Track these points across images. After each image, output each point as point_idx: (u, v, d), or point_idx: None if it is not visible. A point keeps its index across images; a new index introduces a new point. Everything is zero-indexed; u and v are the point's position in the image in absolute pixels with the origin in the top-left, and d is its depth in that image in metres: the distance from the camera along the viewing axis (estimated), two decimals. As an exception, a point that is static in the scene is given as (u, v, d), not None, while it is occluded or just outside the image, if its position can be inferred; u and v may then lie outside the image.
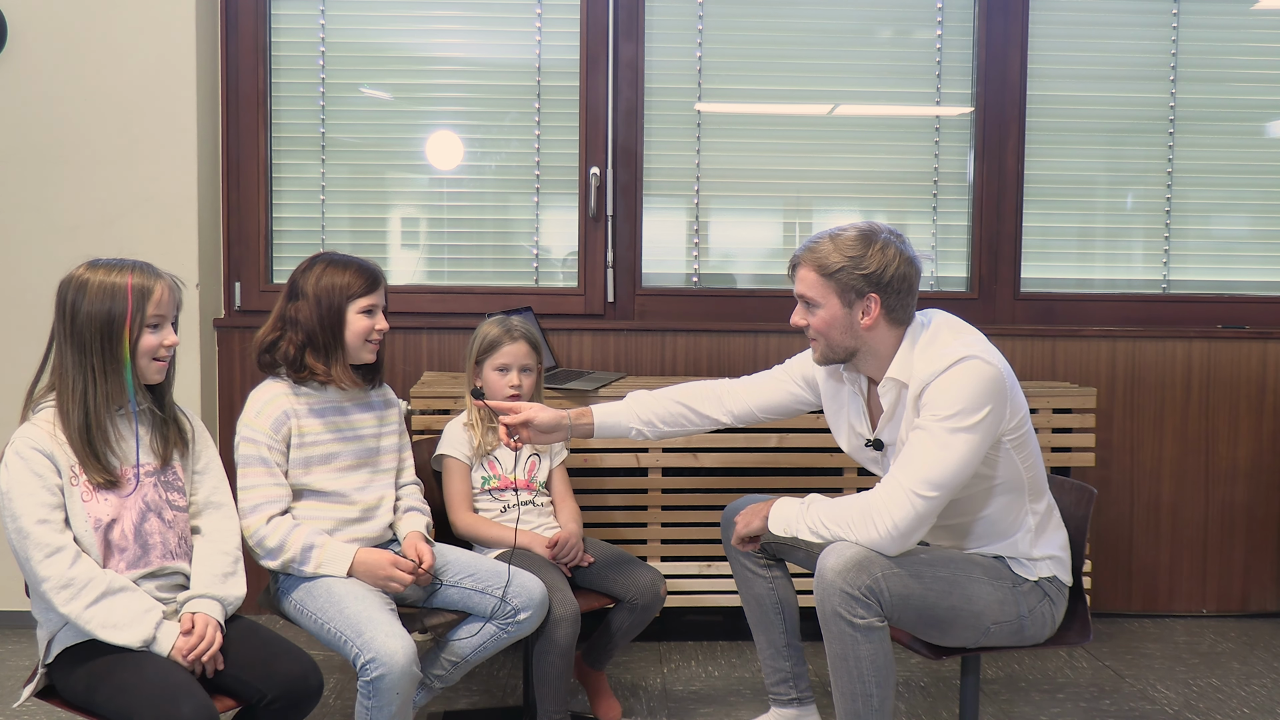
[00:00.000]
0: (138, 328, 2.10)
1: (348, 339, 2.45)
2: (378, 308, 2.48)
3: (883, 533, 2.22)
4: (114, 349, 2.09)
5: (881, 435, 2.42)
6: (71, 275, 2.13)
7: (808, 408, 2.65)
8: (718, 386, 2.67)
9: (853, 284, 2.29)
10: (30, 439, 2.06)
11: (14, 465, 2.04)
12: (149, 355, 2.13)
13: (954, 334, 2.33)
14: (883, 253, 2.29)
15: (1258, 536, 3.91)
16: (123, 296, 2.09)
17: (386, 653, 2.19)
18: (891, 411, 2.37)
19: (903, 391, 2.33)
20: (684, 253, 3.92)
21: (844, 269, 2.29)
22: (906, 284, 2.32)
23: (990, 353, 2.29)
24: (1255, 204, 4.01)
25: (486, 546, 2.77)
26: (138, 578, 2.11)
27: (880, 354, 2.36)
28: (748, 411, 2.65)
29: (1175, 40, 3.90)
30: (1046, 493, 2.43)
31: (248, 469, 2.41)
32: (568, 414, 2.60)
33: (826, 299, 2.32)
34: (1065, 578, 2.43)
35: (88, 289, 2.09)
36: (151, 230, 3.53)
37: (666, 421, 2.64)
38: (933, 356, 2.28)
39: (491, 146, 3.88)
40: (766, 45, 3.87)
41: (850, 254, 2.29)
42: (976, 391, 2.23)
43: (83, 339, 2.08)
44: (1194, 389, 3.86)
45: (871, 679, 2.23)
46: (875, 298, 2.30)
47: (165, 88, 3.53)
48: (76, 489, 2.07)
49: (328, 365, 2.45)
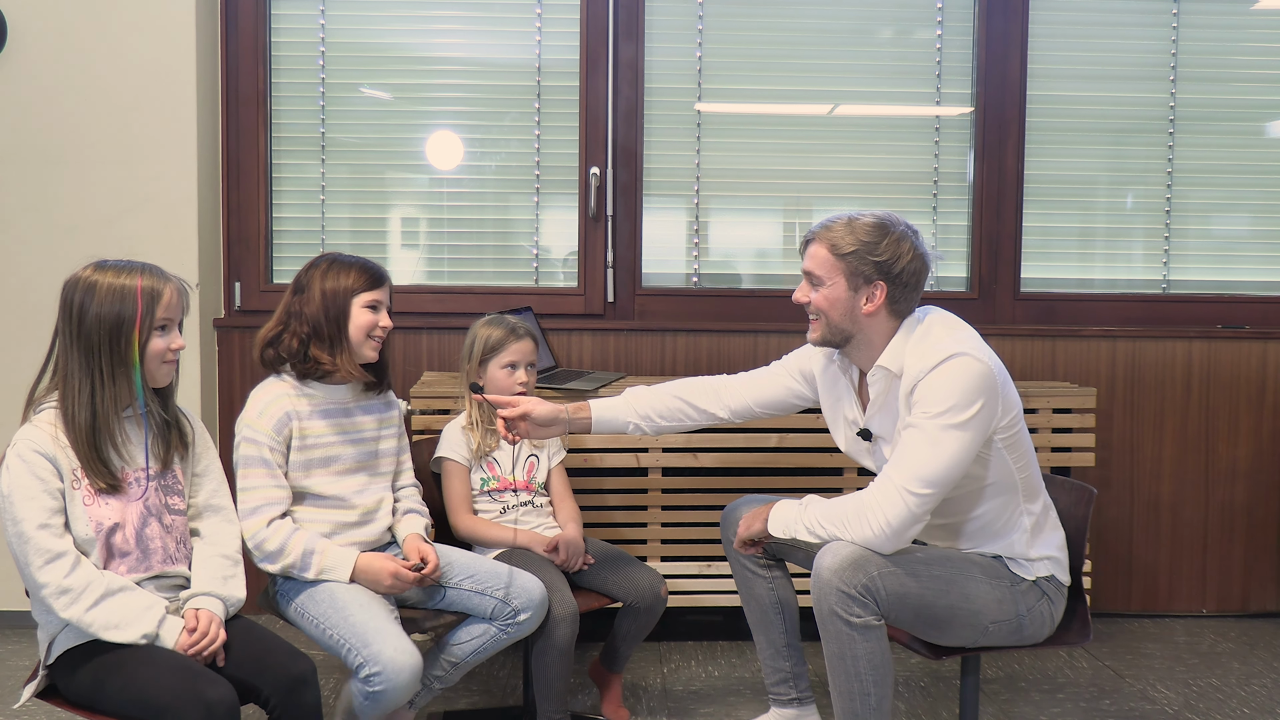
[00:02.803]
0: (147, 330, 2.08)
1: (350, 333, 2.44)
2: (382, 304, 2.48)
3: (876, 531, 2.23)
4: (123, 351, 2.07)
5: (870, 425, 2.43)
6: (78, 276, 2.11)
7: (805, 404, 2.65)
8: (716, 382, 2.67)
9: (862, 269, 2.31)
10: (32, 441, 2.04)
11: (15, 468, 2.03)
12: (158, 358, 2.12)
13: (947, 330, 2.34)
14: (898, 244, 2.31)
15: (1258, 536, 3.91)
16: (132, 298, 2.07)
17: (395, 668, 2.19)
18: (880, 401, 2.38)
19: (893, 382, 2.34)
20: (684, 253, 3.92)
21: (856, 252, 2.31)
22: (915, 279, 2.34)
23: (982, 349, 2.30)
24: (1255, 204, 4.01)
25: (486, 548, 2.77)
26: (138, 581, 2.10)
27: (874, 343, 2.37)
28: (745, 407, 2.65)
29: (1175, 40, 3.90)
30: (1042, 493, 2.43)
31: (248, 470, 2.39)
32: (565, 408, 2.59)
33: (833, 278, 2.33)
34: (1063, 577, 2.43)
35: (96, 290, 2.07)
36: (151, 230, 3.53)
37: (664, 416, 2.63)
38: (924, 352, 2.28)
39: (491, 146, 3.88)
40: (766, 45, 3.87)
41: (865, 239, 2.31)
42: (968, 388, 2.23)
43: (90, 341, 2.06)
44: (1194, 389, 3.86)
45: (869, 678, 2.23)
46: (882, 286, 2.31)
47: (165, 88, 3.53)
48: (78, 492, 2.06)
49: (333, 355, 2.43)
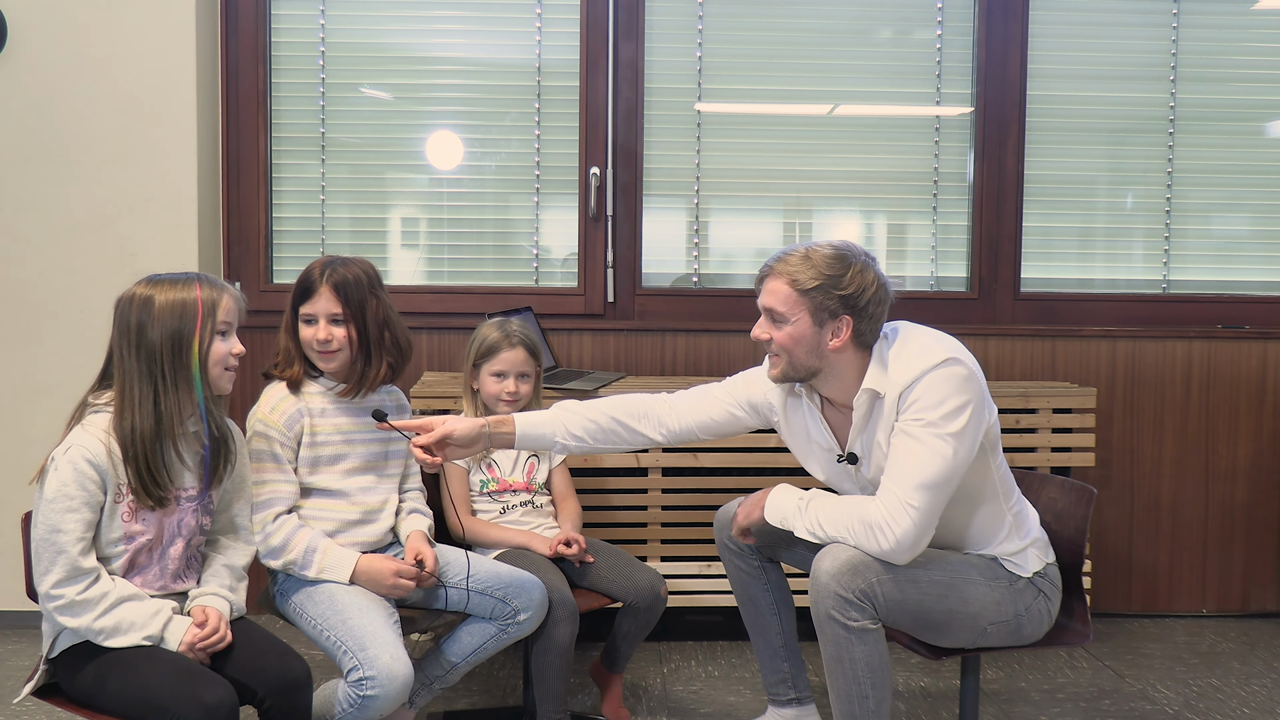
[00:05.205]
0: (208, 335, 2.08)
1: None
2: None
3: (887, 547, 2.21)
4: (184, 359, 2.06)
5: (854, 449, 2.37)
6: (132, 293, 2.08)
7: (748, 430, 2.56)
8: (653, 402, 2.52)
9: (828, 304, 2.23)
10: (87, 449, 2.02)
11: (65, 474, 2.00)
12: (220, 364, 2.11)
13: (931, 338, 2.31)
14: (862, 275, 2.24)
15: (1258, 536, 3.91)
16: (192, 306, 2.06)
17: (388, 676, 2.19)
18: (863, 423, 2.33)
19: (876, 401, 2.29)
20: (684, 253, 3.92)
21: (820, 286, 2.23)
22: (880, 309, 2.28)
23: (965, 354, 2.28)
24: (1255, 204, 4.01)
25: (486, 548, 2.78)
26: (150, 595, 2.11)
27: (843, 375, 2.31)
28: (686, 430, 2.51)
29: (1175, 40, 3.90)
30: (1014, 485, 2.43)
31: (258, 464, 2.40)
32: (487, 421, 2.40)
33: (797, 314, 2.25)
34: (1050, 555, 2.43)
35: (153, 304, 2.05)
36: (151, 230, 3.53)
37: (596, 437, 2.46)
38: (911, 361, 2.25)
39: (491, 146, 3.88)
40: (766, 45, 3.87)
41: (828, 272, 2.23)
42: (961, 393, 2.22)
43: (152, 351, 2.04)
44: (1194, 389, 3.86)
45: (867, 680, 2.23)
46: (848, 320, 2.25)
47: (165, 88, 3.53)
48: (119, 506, 2.06)
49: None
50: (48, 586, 2.00)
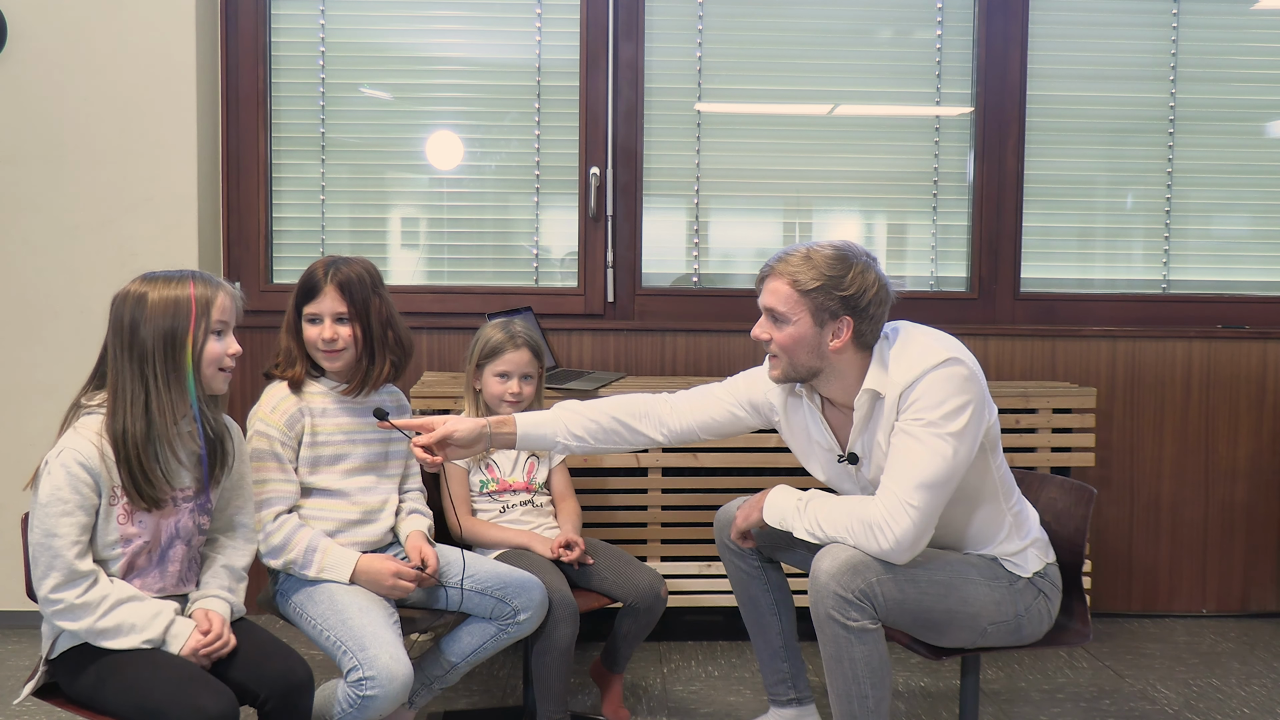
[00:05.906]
0: (202, 334, 2.05)
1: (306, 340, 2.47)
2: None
3: (886, 546, 2.21)
4: (177, 358, 2.03)
5: (854, 449, 2.38)
6: (127, 290, 2.06)
7: (749, 430, 2.57)
8: (654, 403, 2.52)
9: (829, 305, 2.23)
10: (79, 453, 2.00)
11: (59, 478, 1.99)
12: (214, 364, 2.08)
13: (932, 337, 2.31)
14: (863, 276, 2.24)
15: (1258, 536, 3.91)
16: (186, 304, 2.04)
17: (387, 676, 2.19)
18: (864, 424, 2.33)
19: (877, 401, 2.29)
20: (684, 253, 3.92)
21: (821, 287, 2.23)
22: (881, 310, 2.28)
23: (966, 354, 2.28)
24: (1255, 204, 4.01)
25: (486, 548, 2.78)
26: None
27: (844, 375, 2.31)
28: (687, 429, 2.52)
29: (1175, 40, 3.90)
30: (1014, 485, 2.43)
31: (259, 463, 2.40)
32: (489, 422, 2.40)
33: (798, 316, 2.25)
34: (1050, 555, 2.43)
35: (147, 301, 2.03)
36: (151, 230, 3.53)
37: (597, 437, 2.46)
38: (911, 361, 2.25)
39: (491, 146, 3.88)
40: (766, 45, 3.87)
41: (829, 272, 2.23)
42: (961, 392, 2.22)
43: (144, 350, 2.02)
44: (1194, 389, 3.86)
45: (866, 680, 2.23)
46: (849, 321, 2.24)
47: (165, 88, 3.53)
48: (114, 509, 2.04)
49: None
50: (46, 591, 1.99)
